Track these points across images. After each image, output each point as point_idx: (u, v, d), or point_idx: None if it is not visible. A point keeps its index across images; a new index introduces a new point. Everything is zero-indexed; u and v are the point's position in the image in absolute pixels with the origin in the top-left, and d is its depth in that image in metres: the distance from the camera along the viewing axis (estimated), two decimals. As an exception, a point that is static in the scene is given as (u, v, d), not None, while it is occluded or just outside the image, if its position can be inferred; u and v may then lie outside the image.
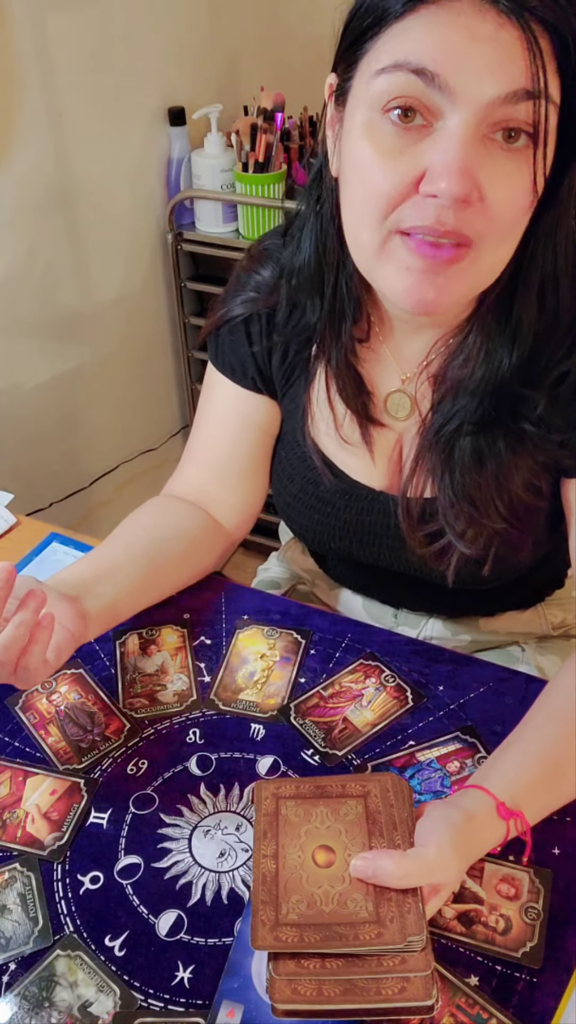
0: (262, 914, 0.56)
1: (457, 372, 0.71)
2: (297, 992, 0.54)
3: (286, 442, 0.86)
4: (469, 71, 0.53)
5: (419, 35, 0.54)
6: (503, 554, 0.76)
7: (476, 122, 0.54)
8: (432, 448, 0.74)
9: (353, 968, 0.54)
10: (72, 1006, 0.58)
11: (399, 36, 0.55)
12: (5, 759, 0.74)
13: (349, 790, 0.64)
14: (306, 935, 0.55)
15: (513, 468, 0.72)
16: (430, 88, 0.54)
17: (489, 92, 0.53)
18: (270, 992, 0.54)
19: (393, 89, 0.56)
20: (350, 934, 0.55)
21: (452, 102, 0.54)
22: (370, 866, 0.57)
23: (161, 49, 1.64)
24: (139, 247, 1.78)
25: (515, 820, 0.62)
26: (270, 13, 1.88)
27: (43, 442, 1.70)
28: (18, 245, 1.50)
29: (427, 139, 0.56)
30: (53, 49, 1.42)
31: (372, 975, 0.54)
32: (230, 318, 0.82)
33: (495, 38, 0.52)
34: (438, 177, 0.55)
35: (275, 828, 0.62)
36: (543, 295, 0.66)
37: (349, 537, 0.84)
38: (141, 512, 0.88)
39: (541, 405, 0.69)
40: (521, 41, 0.52)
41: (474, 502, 0.73)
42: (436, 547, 0.76)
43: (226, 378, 0.85)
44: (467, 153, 0.55)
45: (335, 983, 0.54)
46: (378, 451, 0.80)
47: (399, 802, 0.63)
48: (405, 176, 0.57)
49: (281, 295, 0.78)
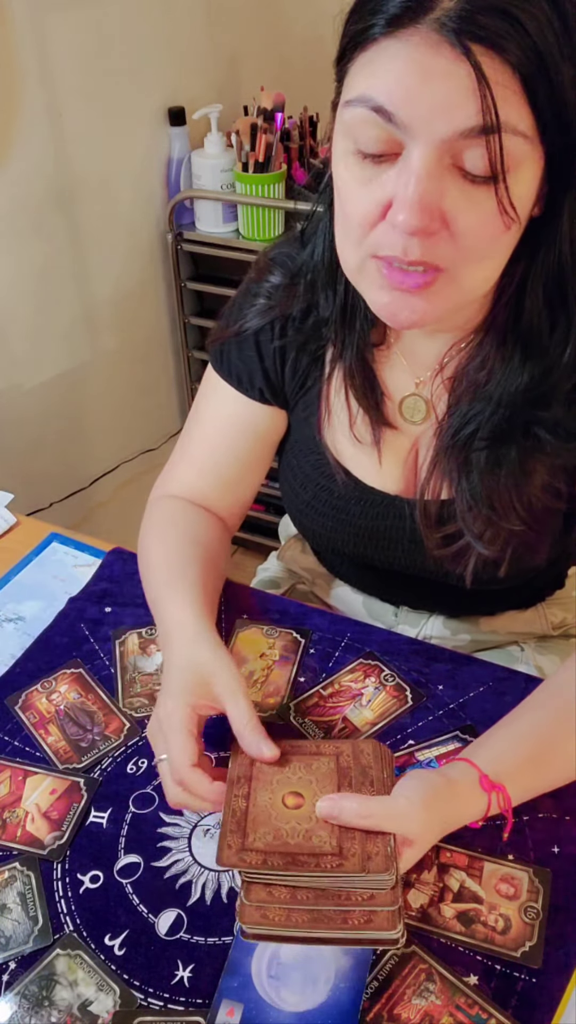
0: (229, 839, 0.59)
1: (473, 376, 0.71)
2: (266, 917, 0.56)
3: (298, 449, 0.86)
4: (422, 110, 0.53)
5: (379, 70, 0.54)
6: (520, 555, 0.77)
7: (436, 156, 0.54)
8: (449, 451, 0.74)
9: (322, 900, 0.57)
10: (72, 1005, 0.58)
11: (365, 68, 0.55)
12: (5, 758, 0.74)
13: (323, 749, 0.66)
14: (269, 860, 0.57)
15: (531, 472, 0.72)
16: (389, 125, 0.54)
17: (442, 129, 0.53)
18: (240, 916, 0.56)
19: (358, 121, 0.56)
20: (312, 862, 0.57)
21: (412, 138, 0.54)
22: (335, 805, 0.60)
23: (161, 49, 1.64)
24: (139, 247, 1.78)
25: (497, 794, 0.63)
26: (270, 13, 1.88)
27: (43, 442, 1.70)
28: (18, 245, 1.50)
29: (393, 168, 0.57)
30: (53, 49, 1.42)
31: (340, 907, 0.56)
32: (244, 330, 0.82)
33: (447, 74, 0.51)
34: (399, 209, 0.56)
35: (248, 776, 0.64)
36: (552, 303, 0.66)
37: (364, 542, 0.84)
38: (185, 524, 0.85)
39: (558, 412, 0.69)
40: (472, 78, 0.51)
41: (492, 504, 0.73)
42: (454, 548, 0.76)
43: (230, 386, 0.85)
44: (426, 187, 0.55)
45: (304, 911, 0.56)
46: (391, 455, 0.80)
47: (378, 763, 0.65)
48: (375, 204, 0.58)
49: (297, 294, 0.78)
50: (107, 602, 0.89)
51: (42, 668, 0.83)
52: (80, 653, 0.84)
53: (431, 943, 0.60)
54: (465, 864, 0.65)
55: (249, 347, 0.82)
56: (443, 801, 0.62)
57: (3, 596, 0.92)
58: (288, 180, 1.70)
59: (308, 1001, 0.57)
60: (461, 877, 0.64)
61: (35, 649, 0.85)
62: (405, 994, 0.58)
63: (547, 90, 0.52)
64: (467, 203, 0.56)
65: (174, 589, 0.76)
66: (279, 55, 1.92)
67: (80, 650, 0.84)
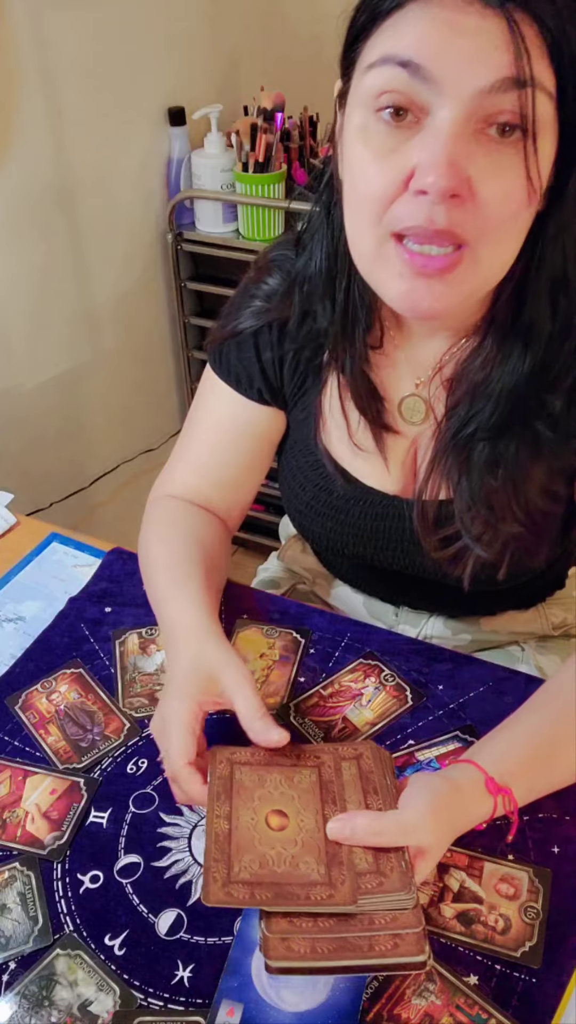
0: (214, 871, 0.57)
1: (473, 375, 0.71)
2: (291, 949, 0.54)
3: (296, 451, 0.86)
4: (453, 62, 0.53)
5: (405, 30, 0.54)
6: (519, 557, 0.76)
7: (465, 116, 0.54)
8: (448, 452, 0.74)
9: (345, 926, 0.55)
10: (72, 1005, 0.58)
11: (387, 32, 0.56)
12: (5, 758, 0.74)
13: (304, 759, 0.65)
14: (257, 893, 0.56)
15: (530, 473, 0.72)
16: (416, 80, 0.54)
17: (474, 82, 0.53)
18: (264, 950, 0.54)
19: (381, 83, 0.56)
20: (301, 894, 0.56)
21: (439, 95, 0.54)
22: (346, 826, 0.59)
23: (161, 49, 1.64)
24: (139, 247, 1.78)
25: (503, 797, 0.62)
26: (270, 13, 1.88)
27: (43, 442, 1.70)
28: (18, 245, 1.50)
29: (417, 136, 0.56)
30: (53, 49, 1.42)
31: (364, 932, 0.55)
32: (240, 331, 0.82)
33: (479, 29, 0.52)
34: (426, 172, 0.55)
35: (229, 791, 0.63)
36: (555, 297, 0.66)
37: (364, 543, 0.84)
38: (186, 525, 0.85)
39: (558, 409, 0.69)
40: (505, 31, 0.52)
41: (491, 506, 0.72)
42: (452, 550, 0.76)
43: (228, 386, 0.84)
44: (455, 148, 0.54)
45: (328, 940, 0.55)
46: (392, 456, 0.80)
47: (379, 768, 0.64)
48: (396, 174, 0.57)
49: (293, 302, 0.78)
50: (107, 602, 0.89)
51: (42, 668, 0.83)
52: (80, 653, 0.84)
53: (431, 943, 0.60)
54: (465, 864, 0.65)
55: (248, 348, 0.82)
56: (451, 807, 0.61)
57: (3, 596, 0.92)
58: (288, 180, 1.70)
59: (308, 1001, 0.57)
60: (461, 877, 0.64)
61: (35, 649, 0.85)
62: (405, 994, 0.58)
63: (569, 52, 0.54)
64: (494, 169, 0.56)
65: (179, 589, 0.76)
66: (279, 55, 1.92)
67: (80, 650, 0.84)
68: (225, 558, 0.88)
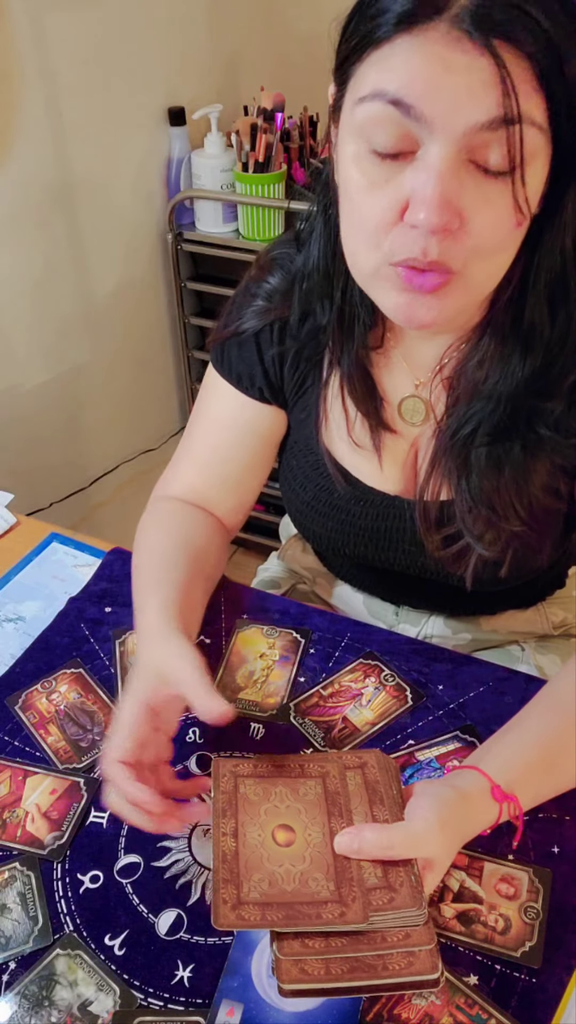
0: (224, 892, 0.56)
1: (472, 375, 0.71)
2: (305, 972, 0.54)
3: (297, 450, 0.86)
4: (444, 102, 0.53)
5: (396, 64, 0.54)
6: (521, 556, 0.76)
7: (455, 151, 0.54)
8: (448, 452, 0.74)
9: (358, 945, 0.55)
10: (72, 1005, 0.58)
11: (379, 64, 0.55)
12: (5, 758, 0.74)
13: (308, 770, 0.65)
14: (268, 914, 0.55)
15: (531, 472, 0.72)
16: (407, 119, 0.54)
17: (464, 120, 0.53)
18: (277, 973, 0.54)
19: (373, 117, 0.56)
20: (312, 913, 0.55)
21: (429, 132, 0.54)
22: (355, 840, 0.58)
23: (161, 49, 1.64)
24: (139, 247, 1.78)
25: (509, 804, 0.62)
26: (270, 13, 1.88)
27: (43, 442, 1.70)
28: (18, 245, 1.50)
29: (409, 168, 0.56)
30: (53, 49, 1.42)
31: (377, 951, 0.54)
32: (241, 331, 0.82)
33: (469, 68, 0.52)
34: (418, 209, 0.56)
35: (234, 806, 0.62)
36: (553, 300, 0.66)
37: (365, 543, 0.84)
38: (175, 527, 0.85)
39: (559, 410, 0.69)
40: (493, 68, 0.52)
41: (492, 505, 0.72)
42: (454, 550, 0.76)
43: (230, 384, 0.85)
44: (446, 184, 0.55)
45: (342, 961, 0.54)
46: (391, 456, 0.80)
47: (385, 777, 0.64)
48: (391, 205, 0.58)
49: (294, 300, 0.78)
50: (107, 602, 0.90)
51: (42, 668, 0.83)
52: (80, 653, 0.84)
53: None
54: (465, 864, 0.65)
55: (249, 347, 0.82)
56: (458, 817, 0.61)
57: (3, 596, 0.92)
58: (288, 180, 1.70)
59: (308, 1001, 0.57)
60: (461, 877, 0.64)
61: (35, 649, 0.85)
62: (405, 994, 0.58)
63: (561, 82, 0.53)
64: (483, 200, 0.56)
65: (151, 594, 0.75)
66: (279, 55, 1.92)
67: (80, 650, 0.84)
68: (218, 559, 0.88)
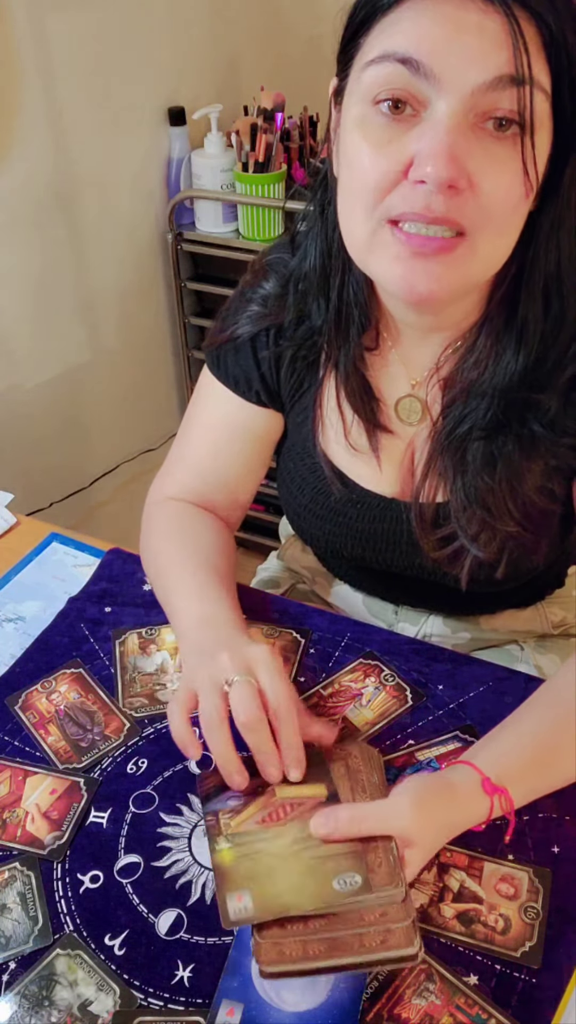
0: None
1: (467, 374, 0.71)
2: (283, 953, 0.55)
3: (294, 453, 0.86)
4: (454, 59, 0.54)
5: (406, 27, 0.55)
6: (517, 557, 0.77)
7: (463, 110, 0.55)
8: (444, 451, 0.74)
9: (335, 925, 0.56)
10: (72, 1005, 0.58)
11: (388, 29, 0.56)
12: (5, 758, 0.74)
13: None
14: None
15: (525, 471, 0.72)
16: (416, 77, 0.55)
17: (473, 79, 0.54)
18: (256, 955, 0.55)
19: (381, 79, 0.56)
20: None
21: (438, 90, 0.55)
22: (328, 820, 0.59)
23: (161, 49, 1.64)
24: (139, 247, 1.78)
25: (499, 797, 0.63)
26: (270, 13, 1.88)
27: (43, 442, 1.70)
28: (18, 245, 1.50)
29: (415, 128, 0.57)
30: (53, 49, 1.42)
31: (354, 930, 0.55)
32: (236, 336, 0.82)
33: (479, 27, 0.53)
34: (425, 162, 0.56)
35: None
36: (548, 295, 0.66)
37: (362, 545, 0.84)
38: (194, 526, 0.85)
39: (553, 408, 0.69)
40: (505, 29, 0.53)
41: (487, 505, 0.72)
42: (449, 551, 0.76)
43: (227, 388, 0.84)
44: (454, 139, 0.55)
45: (319, 941, 0.55)
46: (387, 458, 0.80)
47: (367, 767, 0.65)
48: (394, 164, 0.58)
49: (289, 303, 0.78)
50: (107, 602, 0.89)
51: (42, 668, 0.83)
52: (80, 653, 0.84)
53: (431, 943, 0.60)
54: (465, 864, 0.65)
55: (245, 352, 0.82)
56: (440, 802, 0.61)
57: (3, 596, 0.92)
58: (288, 180, 1.70)
59: (308, 1001, 0.57)
60: (461, 877, 0.64)
61: (35, 649, 0.85)
62: (405, 994, 0.58)
63: (565, 51, 0.54)
64: (492, 163, 0.56)
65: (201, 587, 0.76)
66: (279, 55, 1.92)
67: (80, 650, 0.84)
68: (233, 559, 0.88)
